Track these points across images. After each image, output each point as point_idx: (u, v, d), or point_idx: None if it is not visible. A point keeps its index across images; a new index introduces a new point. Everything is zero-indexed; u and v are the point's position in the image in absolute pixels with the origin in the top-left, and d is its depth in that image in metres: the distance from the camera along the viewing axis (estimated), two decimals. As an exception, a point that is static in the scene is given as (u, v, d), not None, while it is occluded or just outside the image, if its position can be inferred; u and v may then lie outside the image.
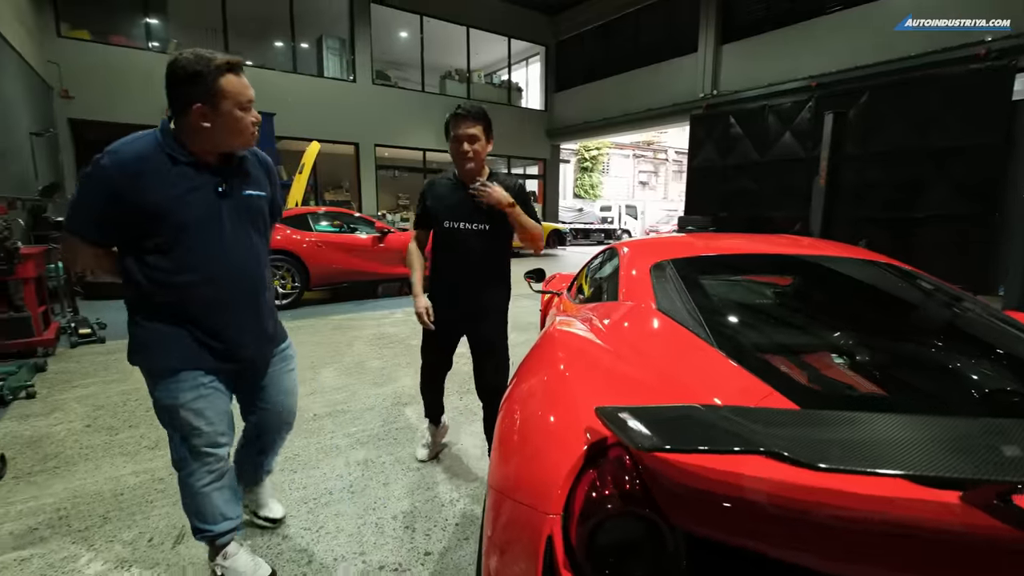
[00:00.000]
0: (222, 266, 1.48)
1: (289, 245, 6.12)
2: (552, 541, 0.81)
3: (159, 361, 1.48)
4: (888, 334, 1.64)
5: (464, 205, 2.09)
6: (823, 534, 0.66)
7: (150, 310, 1.46)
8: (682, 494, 0.74)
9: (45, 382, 3.52)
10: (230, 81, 1.37)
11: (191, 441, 1.52)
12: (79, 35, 10.22)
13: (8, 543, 1.88)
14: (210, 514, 1.59)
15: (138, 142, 1.38)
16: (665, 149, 28.63)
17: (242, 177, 1.53)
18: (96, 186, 1.35)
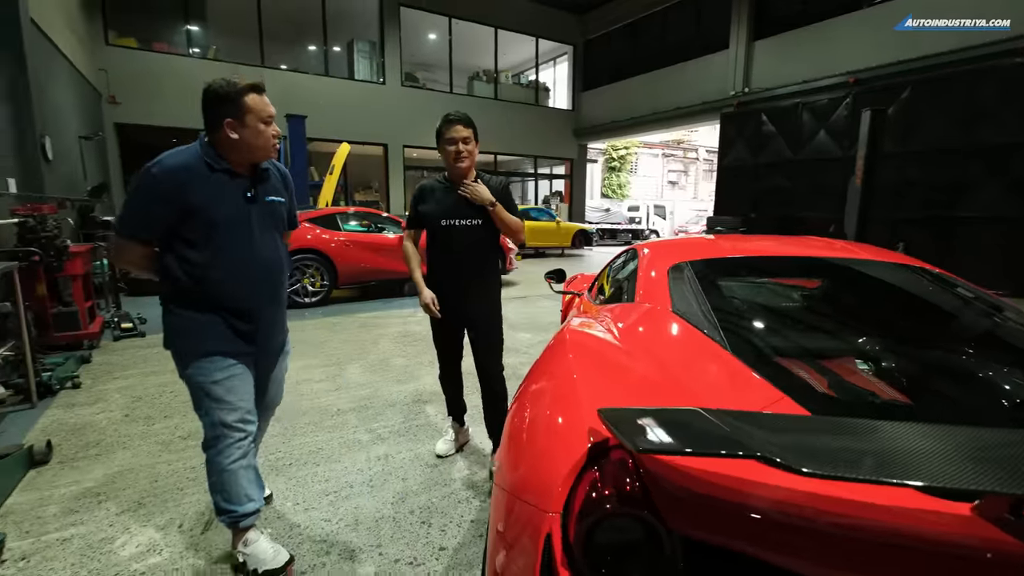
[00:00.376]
0: (250, 262, 1.67)
1: (318, 244, 6.28)
2: (551, 539, 0.82)
3: (196, 345, 1.65)
4: (916, 340, 1.59)
5: (458, 204, 2.28)
6: (820, 541, 0.66)
7: (187, 301, 1.64)
8: (679, 497, 0.74)
9: (89, 373, 3.72)
10: (254, 99, 1.60)
11: (223, 416, 1.66)
12: (126, 43, 10.72)
13: (52, 523, 2.00)
14: (236, 494, 1.70)
15: (182, 154, 1.60)
16: (695, 148, 28.10)
17: (266, 185, 1.74)
18: (147, 193, 1.56)
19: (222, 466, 1.67)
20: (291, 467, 2.46)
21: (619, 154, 24.93)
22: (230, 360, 1.68)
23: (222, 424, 1.66)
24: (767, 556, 0.68)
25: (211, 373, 1.65)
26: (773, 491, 0.67)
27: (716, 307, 1.55)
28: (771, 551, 0.68)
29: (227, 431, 1.67)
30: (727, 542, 0.71)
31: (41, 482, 2.29)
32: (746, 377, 1.17)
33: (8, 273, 3.03)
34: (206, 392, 1.65)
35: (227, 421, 1.67)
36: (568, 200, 17.57)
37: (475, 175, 2.34)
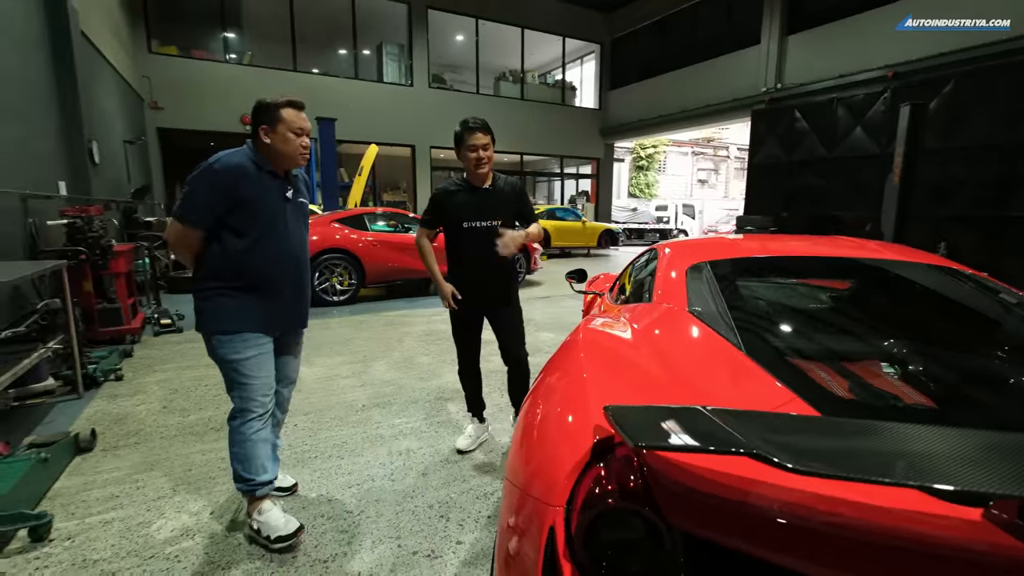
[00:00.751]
0: (282, 251, 1.92)
1: (346, 244, 6.43)
2: (554, 532, 0.84)
3: (230, 325, 1.85)
4: (946, 344, 1.54)
5: (478, 206, 2.41)
6: (817, 541, 0.66)
7: (222, 285, 1.85)
8: (679, 494, 0.75)
9: (131, 366, 3.91)
10: (289, 112, 1.86)
11: (251, 388, 1.88)
12: (167, 51, 11.18)
13: (95, 507, 2.12)
14: (255, 464, 1.89)
15: (237, 155, 1.85)
16: (726, 146, 27.50)
17: (297, 188, 2.02)
18: (207, 183, 1.78)
19: (245, 436, 1.88)
20: (316, 459, 2.55)
21: (647, 153, 24.62)
22: (259, 339, 1.90)
23: (251, 398, 1.88)
24: (765, 554, 0.69)
25: (243, 351, 1.85)
26: (770, 489, 0.67)
27: (733, 307, 1.54)
28: (769, 549, 0.69)
29: (253, 405, 1.88)
30: (725, 539, 0.72)
31: (86, 467, 2.43)
32: (759, 378, 1.16)
33: (58, 271, 3.22)
34: (235, 369, 1.86)
35: (255, 395, 1.88)
36: (594, 200, 17.46)
37: (492, 176, 2.47)
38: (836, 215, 9.21)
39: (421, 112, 13.69)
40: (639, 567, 0.78)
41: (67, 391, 3.31)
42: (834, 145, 9.45)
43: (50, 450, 2.30)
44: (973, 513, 0.63)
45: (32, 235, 4.15)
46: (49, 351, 3.08)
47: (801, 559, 0.67)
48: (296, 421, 2.99)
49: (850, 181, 9.20)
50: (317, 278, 6.25)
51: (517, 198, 2.50)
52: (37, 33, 4.96)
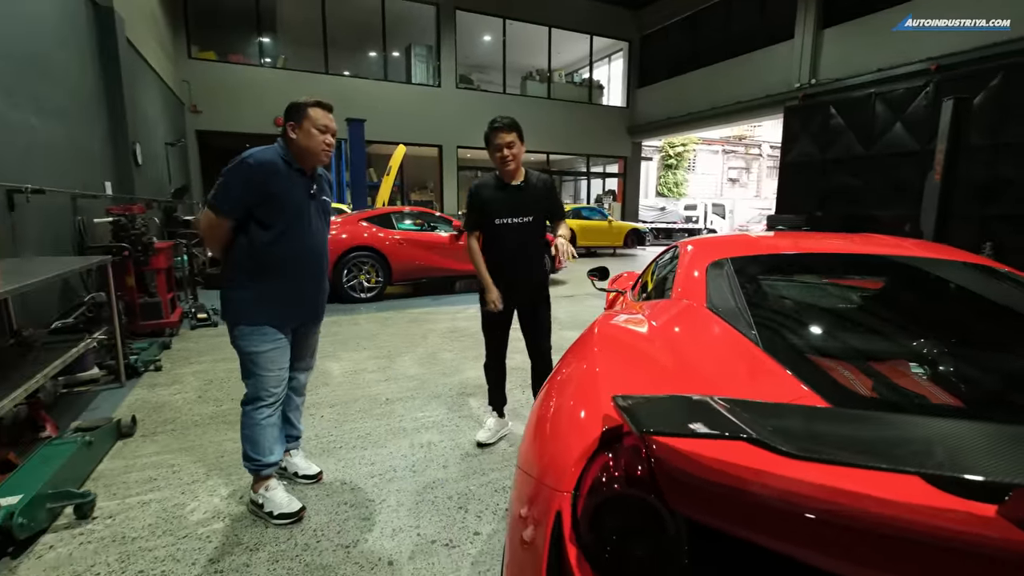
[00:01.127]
0: (305, 245, 2.02)
1: (374, 242, 6.56)
2: (560, 516, 0.86)
3: (253, 317, 1.96)
4: (980, 345, 1.49)
5: (510, 203, 2.46)
6: (818, 530, 0.66)
7: (247, 277, 1.95)
8: (682, 481, 0.76)
9: (169, 358, 4.10)
10: (315, 111, 1.96)
11: (264, 380, 1.99)
12: (206, 56, 11.62)
13: (134, 488, 2.24)
14: (263, 446, 2.02)
15: (268, 152, 1.95)
16: (759, 144, 26.82)
17: (321, 186, 2.12)
18: (241, 176, 1.88)
19: (255, 420, 2.01)
20: (341, 450, 2.62)
21: (676, 151, 24.25)
22: (276, 334, 2.00)
23: (263, 388, 2.00)
24: (766, 542, 0.69)
25: (259, 344, 1.97)
26: (772, 478, 0.67)
27: (753, 303, 1.53)
28: (770, 537, 0.69)
29: (264, 394, 2.00)
30: (727, 527, 0.72)
31: (127, 451, 2.57)
32: (775, 373, 1.15)
33: (103, 266, 3.40)
34: (252, 360, 1.98)
35: (267, 387, 2.00)
36: (621, 199, 17.30)
37: (523, 172, 2.51)
38: (873, 214, 8.89)
39: (448, 112, 13.83)
40: (642, 552, 0.79)
41: (110, 380, 3.49)
42: (871, 142, 9.12)
43: (94, 434, 2.43)
44: (980, 507, 0.62)
45: (80, 232, 4.38)
46: (94, 342, 3.26)
47: (802, 548, 0.67)
48: (323, 413, 3.08)
49: (888, 179, 8.87)
50: (345, 275, 6.40)
51: (548, 195, 2.56)
52: (87, 42, 5.23)
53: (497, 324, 2.65)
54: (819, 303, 1.81)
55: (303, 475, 2.30)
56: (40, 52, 4.08)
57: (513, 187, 2.47)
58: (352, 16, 13.00)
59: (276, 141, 2.00)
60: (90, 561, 1.78)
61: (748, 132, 26.40)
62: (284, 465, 2.32)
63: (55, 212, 4.06)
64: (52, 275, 2.66)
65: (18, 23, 3.75)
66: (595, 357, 1.28)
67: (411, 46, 13.88)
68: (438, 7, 13.53)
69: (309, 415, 3.02)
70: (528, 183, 2.49)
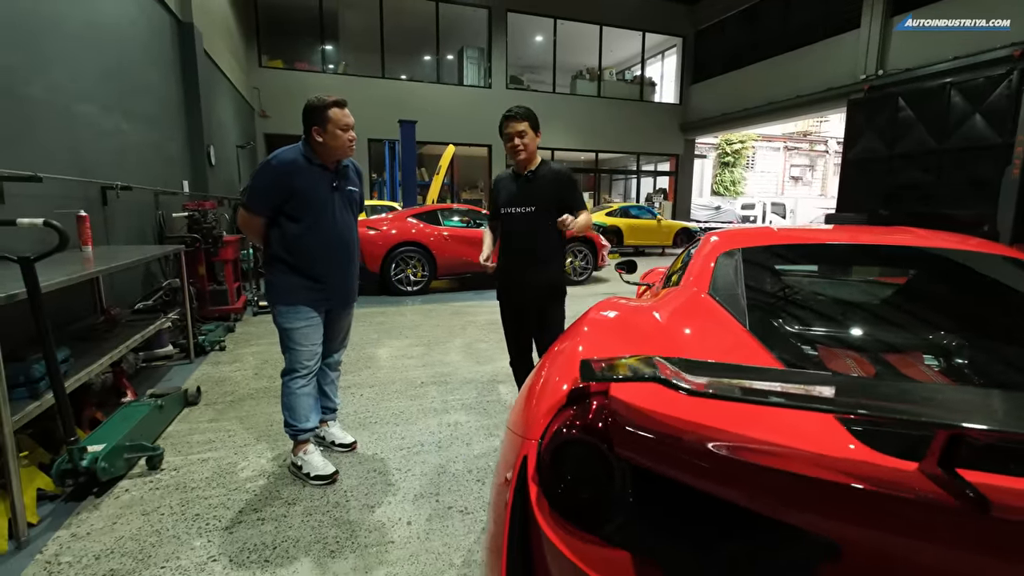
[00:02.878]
0: (331, 235, 2.20)
1: (420, 238, 6.84)
2: (527, 460, 0.98)
3: (288, 299, 2.17)
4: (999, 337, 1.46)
5: (517, 193, 2.44)
6: (740, 472, 0.74)
7: (282, 265, 2.17)
8: (627, 429, 0.86)
9: (232, 340, 4.50)
10: (335, 112, 2.10)
11: (299, 353, 2.20)
12: (274, 64, 12.44)
13: (196, 448, 2.54)
14: (300, 413, 2.23)
15: (290, 151, 2.13)
16: (824, 140, 25.37)
17: (346, 178, 2.28)
18: (266, 177, 2.11)
19: (292, 390, 2.21)
20: (376, 424, 2.83)
21: (733, 148, 23.37)
22: (310, 312, 2.20)
23: (297, 361, 2.20)
24: (692, 481, 0.78)
25: (294, 321, 2.17)
26: (703, 428, 0.76)
27: (752, 288, 1.57)
28: (695, 477, 0.78)
29: (299, 367, 2.21)
30: (663, 470, 0.82)
31: (191, 417, 2.90)
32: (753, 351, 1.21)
33: (177, 254, 3.81)
34: (289, 336, 2.19)
35: (301, 360, 2.20)
36: (672, 197, 16.92)
37: (539, 161, 2.46)
38: (945, 213, 8.28)
39: (498, 113, 13.59)
40: (591, 491, 0.90)
41: (181, 357, 3.91)
42: (945, 136, 8.47)
43: (165, 400, 2.77)
44: (889, 460, 0.69)
45: (161, 225, 4.90)
46: (169, 322, 3.66)
47: (723, 486, 0.75)
48: (363, 392, 3.32)
49: (964, 176, 8.20)
50: (393, 269, 6.72)
51: (559, 185, 2.41)
52: (171, 55, 5.81)
53: (509, 319, 2.59)
54: (826, 291, 1.82)
55: (339, 444, 2.52)
56: (131, 66, 4.59)
57: (522, 177, 2.43)
58: (408, 22, 13.50)
59: (301, 138, 2.17)
60: (156, 504, 2.07)
61: (814, 128, 25.04)
62: (322, 434, 2.55)
63: (140, 207, 4.57)
64: (134, 260, 3.04)
65: (114, 42, 4.25)
66: (583, 335, 1.38)
67: (463, 49, 14.22)
68: (490, 10, 13.79)
69: (350, 393, 3.26)
70: (538, 174, 2.42)
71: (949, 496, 0.63)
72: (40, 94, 3.11)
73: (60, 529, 1.89)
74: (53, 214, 2.12)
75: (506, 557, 0.93)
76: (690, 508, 0.82)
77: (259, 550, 1.80)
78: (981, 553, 0.62)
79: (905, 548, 0.66)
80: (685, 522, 0.83)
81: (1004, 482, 0.66)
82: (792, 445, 0.77)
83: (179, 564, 1.72)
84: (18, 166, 2.74)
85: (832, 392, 0.74)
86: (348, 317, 2.49)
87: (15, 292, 1.76)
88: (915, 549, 0.66)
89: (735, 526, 0.78)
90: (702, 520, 0.81)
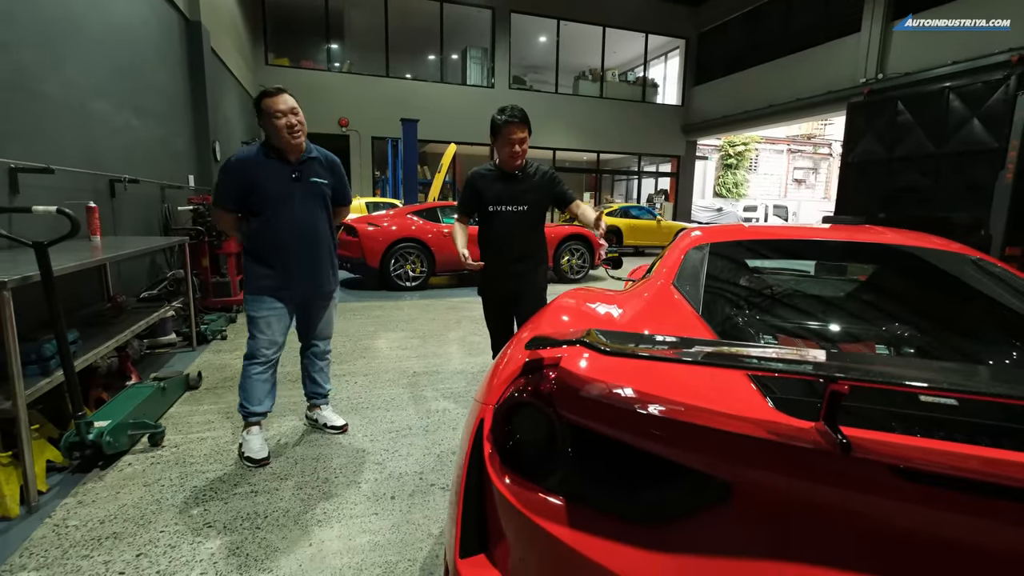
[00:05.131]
0: (291, 227, 2.27)
1: (419, 234, 6.97)
2: (484, 422, 1.10)
3: (252, 287, 2.30)
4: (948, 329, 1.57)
5: (506, 191, 2.47)
6: (671, 428, 0.85)
7: (252, 255, 2.31)
8: (567, 394, 0.98)
9: (233, 330, 4.64)
10: (265, 103, 2.17)
11: (258, 340, 2.30)
12: (280, 62, 12.61)
13: (196, 428, 2.68)
14: (253, 397, 2.33)
15: (249, 149, 2.26)
16: (828, 143, 25.34)
17: (311, 170, 2.32)
18: (229, 175, 2.22)
19: (249, 375, 2.31)
20: (367, 409, 2.96)
21: (736, 150, 23.38)
22: (273, 303, 2.30)
23: (256, 348, 2.30)
24: (628, 439, 0.89)
25: (258, 309, 2.28)
26: (634, 392, 0.88)
27: (715, 278, 1.69)
28: (631, 435, 0.88)
29: (256, 353, 2.30)
30: (601, 429, 0.93)
31: (192, 400, 3.04)
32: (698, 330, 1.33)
33: (181, 245, 3.96)
34: (252, 322, 2.31)
35: (259, 347, 2.30)
36: (673, 198, 16.99)
37: (525, 163, 2.49)
38: (943, 216, 8.33)
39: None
40: (536, 447, 1.02)
41: (184, 344, 4.05)
42: (943, 140, 8.53)
43: (168, 382, 2.91)
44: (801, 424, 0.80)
45: (166, 217, 5.05)
46: (172, 310, 3.80)
47: (647, 440, 0.86)
48: (357, 379, 3.45)
49: (962, 179, 8.26)
50: (392, 264, 6.85)
51: (550, 183, 2.52)
52: (179, 53, 5.96)
53: (493, 316, 2.72)
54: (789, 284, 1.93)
55: (331, 426, 2.65)
56: (142, 64, 4.74)
57: (512, 176, 2.46)
58: (413, 22, 13.64)
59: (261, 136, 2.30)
60: (157, 476, 2.20)
61: (818, 130, 25.02)
62: (315, 417, 2.68)
63: (147, 200, 4.72)
64: (140, 250, 3.18)
65: (126, 41, 4.40)
66: (545, 318, 1.49)
67: (467, 49, 14.36)
68: (494, 10, 13.92)
69: (345, 380, 3.40)
70: (526, 172, 2.47)
71: (824, 443, 0.74)
72: (55, 91, 3.25)
73: (67, 497, 2.03)
74: (64, 204, 2.25)
75: (462, 504, 1.05)
76: (619, 461, 0.94)
77: (251, 519, 1.92)
78: (843, 486, 0.74)
79: (787, 485, 0.77)
80: (614, 472, 0.95)
81: (873, 435, 0.77)
82: (704, 405, 0.88)
83: (177, 529, 1.85)
84: (32, 159, 2.88)
85: (735, 351, 0.85)
86: (325, 308, 2.53)
87: (29, 274, 1.90)
88: (796, 486, 0.77)
89: (655, 474, 0.89)
90: (628, 471, 0.93)
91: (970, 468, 0.70)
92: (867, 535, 0.74)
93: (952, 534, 0.70)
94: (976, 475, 0.68)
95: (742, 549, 0.78)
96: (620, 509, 0.90)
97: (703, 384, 0.95)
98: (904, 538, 0.72)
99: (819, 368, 0.74)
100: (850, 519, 0.74)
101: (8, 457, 1.91)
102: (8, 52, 2.82)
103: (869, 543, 0.74)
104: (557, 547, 0.89)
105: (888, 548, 0.73)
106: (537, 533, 0.92)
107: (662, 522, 0.85)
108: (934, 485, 0.69)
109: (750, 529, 0.79)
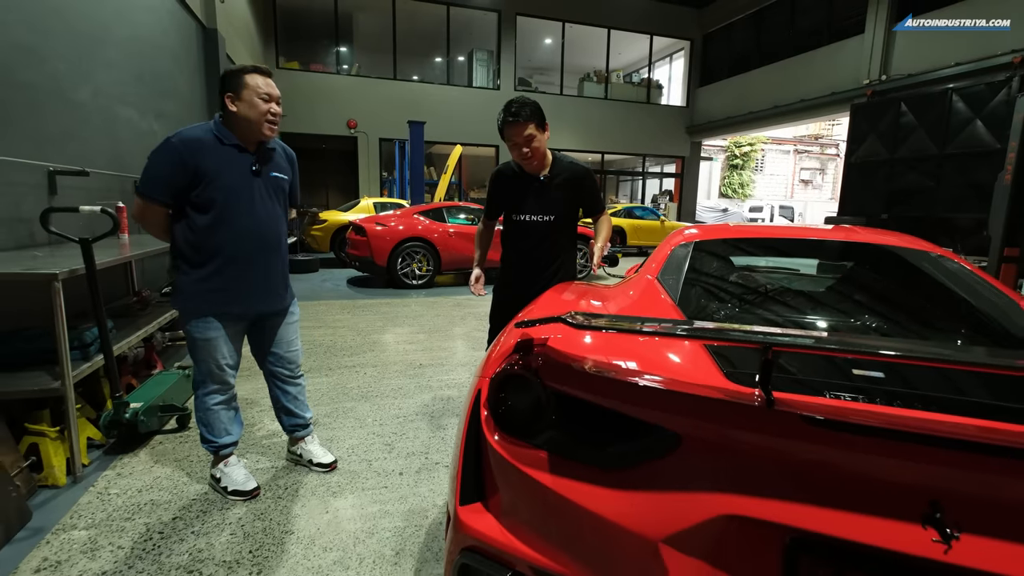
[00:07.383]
0: (247, 227, 1.86)
1: (425, 234, 7.17)
2: (481, 393, 1.28)
3: (194, 307, 1.87)
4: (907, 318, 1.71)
5: (532, 199, 2.18)
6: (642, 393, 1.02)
7: (190, 264, 1.84)
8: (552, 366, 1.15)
9: (249, 324, 4.86)
10: (254, 78, 1.80)
11: (210, 368, 1.92)
12: (291, 65, 12.88)
13: (219, 412, 2.88)
14: (216, 428, 2.01)
15: (197, 129, 1.82)
16: (836, 143, 25.32)
17: (271, 162, 1.95)
18: (166, 157, 1.74)
19: (206, 406, 1.98)
20: (377, 397, 3.15)
21: (742, 151, 23.43)
22: (223, 320, 1.90)
23: (207, 374, 1.94)
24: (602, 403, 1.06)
25: (206, 332, 1.87)
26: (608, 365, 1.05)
27: (696, 272, 1.85)
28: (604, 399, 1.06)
29: (210, 380, 1.95)
30: (581, 395, 1.10)
31: (214, 388, 3.24)
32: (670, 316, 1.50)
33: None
34: (193, 345, 1.90)
35: (212, 372, 1.93)
36: (677, 199, 17.09)
37: (551, 162, 2.20)
38: (945, 217, 8.41)
39: None
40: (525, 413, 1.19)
41: (204, 337, 4.26)
42: (946, 141, 8.62)
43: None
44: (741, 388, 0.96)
45: (185, 218, 5.27)
46: (193, 305, 4.01)
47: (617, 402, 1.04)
48: (366, 371, 3.64)
49: (964, 181, 8.35)
50: (399, 263, 7.06)
51: (579, 188, 2.21)
52: (196, 59, 6.20)
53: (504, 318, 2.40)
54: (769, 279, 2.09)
55: (317, 463, 2.26)
56: (162, 71, 4.97)
57: (538, 181, 2.15)
58: (420, 25, 13.87)
59: (215, 116, 1.85)
60: (187, 453, 2.41)
61: (825, 131, 25.02)
62: (299, 452, 2.31)
63: (167, 201, 4.95)
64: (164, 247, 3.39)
65: (150, 49, 4.63)
66: (539, 306, 1.67)
67: (473, 51, 14.55)
68: (499, 13, 14.11)
69: (354, 372, 3.59)
70: (553, 176, 2.16)
71: (754, 400, 0.91)
72: (86, 98, 3.48)
73: (107, 469, 2.24)
74: (97, 204, 2.46)
75: (462, 460, 1.24)
76: (593, 421, 1.12)
77: (273, 490, 2.12)
78: (766, 433, 0.91)
79: (725, 433, 0.95)
80: (589, 430, 1.12)
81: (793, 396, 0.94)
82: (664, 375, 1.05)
83: (207, 498, 2.05)
84: (66, 161, 3.10)
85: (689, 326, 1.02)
86: (286, 325, 2.12)
87: (76, 268, 2.10)
88: (732, 434, 0.94)
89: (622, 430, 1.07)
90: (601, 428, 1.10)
91: (863, 418, 0.87)
92: (785, 470, 0.91)
93: (847, 466, 0.88)
94: (866, 420, 0.86)
95: (688, 485, 0.95)
96: (593, 458, 1.08)
97: (667, 359, 1.13)
98: (811, 471, 0.89)
99: (752, 335, 0.91)
100: (772, 458, 0.92)
101: (56, 432, 2.12)
102: (45, 63, 3.04)
103: (789, 476, 0.91)
104: (541, 491, 1.07)
105: (799, 479, 0.90)
106: (525, 480, 1.10)
107: (626, 467, 1.03)
108: (835, 430, 0.86)
109: (695, 470, 0.96)
